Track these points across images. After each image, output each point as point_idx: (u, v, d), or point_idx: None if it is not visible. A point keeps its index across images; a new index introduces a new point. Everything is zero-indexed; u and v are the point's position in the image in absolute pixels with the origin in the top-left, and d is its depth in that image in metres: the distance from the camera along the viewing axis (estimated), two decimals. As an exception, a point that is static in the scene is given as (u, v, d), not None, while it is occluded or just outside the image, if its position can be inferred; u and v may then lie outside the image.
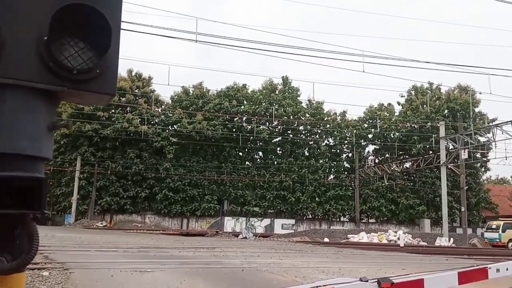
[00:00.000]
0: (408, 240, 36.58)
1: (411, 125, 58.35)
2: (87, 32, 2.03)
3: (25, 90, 1.89)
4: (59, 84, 1.96)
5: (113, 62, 2.10)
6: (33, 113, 1.91)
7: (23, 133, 1.86)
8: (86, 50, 2.05)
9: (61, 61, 1.95)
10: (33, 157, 1.91)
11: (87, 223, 48.15)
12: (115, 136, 52.15)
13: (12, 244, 2.00)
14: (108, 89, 2.10)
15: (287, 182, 55.00)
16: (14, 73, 1.87)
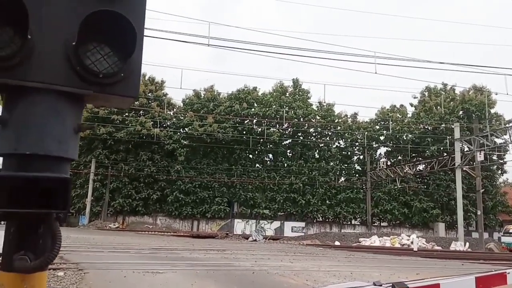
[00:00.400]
0: (422, 244, 36.08)
1: (425, 127, 57.71)
2: (112, 37, 2.10)
3: (54, 94, 1.96)
4: (86, 88, 2.03)
5: (136, 66, 2.16)
6: (60, 116, 1.98)
7: (52, 135, 1.93)
8: (111, 55, 2.11)
9: (88, 66, 2.02)
10: (60, 158, 1.98)
11: (101, 224, 48.65)
12: (128, 139, 52.68)
13: (36, 243, 2.06)
14: (131, 92, 2.17)
15: (297, 185, 54.86)
16: (43, 77, 1.94)
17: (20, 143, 1.89)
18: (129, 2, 2.16)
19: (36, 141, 1.90)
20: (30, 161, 1.90)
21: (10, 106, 1.95)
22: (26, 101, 1.93)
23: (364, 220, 55.47)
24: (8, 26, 1.94)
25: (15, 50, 1.90)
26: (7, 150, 1.91)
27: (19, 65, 1.91)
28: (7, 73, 1.90)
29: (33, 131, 1.90)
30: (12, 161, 1.92)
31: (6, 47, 1.91)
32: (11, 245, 2.04)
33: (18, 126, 1.91)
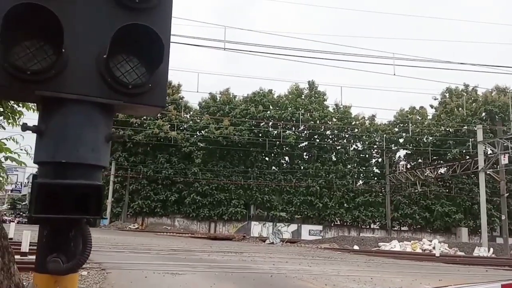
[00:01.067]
0: (444, 250, 35.41)
1: (446, 129, 56.59)
2: (141, 49, 2.21)
3: (87, 104, 2.07)
4: (116, 98, 2.13)
5: (163, 76, 2.27)
6: (93, 125, 2.09)
7: (85, 144, 2.04)
8: (139, 66, 2.22)
9: (118, 77, 2.13)
10: (93, 166, 2.09)
11: (121, 225, 49.49)
12: (146, 142, 53.32)
13: (68, 246, 2.16)
14: (159, 102, 2.27)
15: (314, 188, 54.61)
16: (77, 89, 2.05)
17: (56, 152, 1.99)
18: (157, 15, 2.26)
19: (71, 150, 2.00)
20: (65, 169, 2.01)
21: (46, 117, 2.07)
22: (61, 112, 2.04)
23: (383, 224, 54.80)
24: (44, 40, 2.05)
25: (50, 63, 2.01)
26: (43, 158, 2.02)
27: (54, 77, 2.02)
28: (43, 86, 2.01)
29: (68, 141, 2.01)
30: (48, 169, 2.03)
31: (42, 60, 2.02)
32: (45, 248, 2.14)
33: (53, 136, 2.02)
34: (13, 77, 1.97)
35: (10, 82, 1.97)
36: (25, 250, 13.34)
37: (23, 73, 1.97)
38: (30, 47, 2.02)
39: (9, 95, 2.48)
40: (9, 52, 1.96)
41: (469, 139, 50.56)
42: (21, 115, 4.63)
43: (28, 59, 2.00)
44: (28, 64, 1.99)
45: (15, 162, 5.71)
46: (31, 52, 2.02)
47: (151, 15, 2.23)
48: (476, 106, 56.28)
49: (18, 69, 1.96)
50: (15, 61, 1.97)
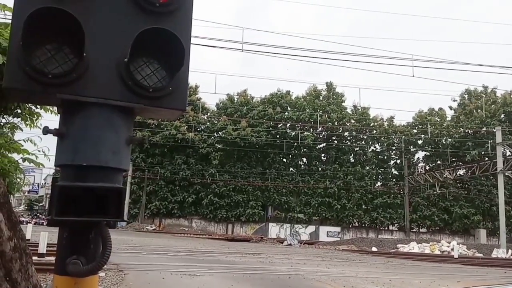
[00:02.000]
0: (463, 251, 35.07)
1: (465, 131, 56.13)
2: (161, 53, 2.20)
3: (108, 108, 2.07)
4: (137, 102, 2.13)
5: (183, 80, 2.25)
6: (114, 128, 2.08)
7: (106, 147, 2.04)
8: (160, 69, 2.21)
9: (139, 80, 2.13)
10: (114, 169, 2.09)
11: (138, 226, 49.74)
12: (163, 143, 53.69)
13: (87, 248, 2.17)
14: (179, 105, 2.26)
15: (332, 189, 54.42)
16: (98, 92, 2.05)
17: (77, 155, 2.00)
18: (177, 19, 2.26)
19: (91, 153, 2.01)
20: (86, 171, 2.01)
21: (66, 120, 2.07)
22: (82, 115, 2.05)
23: (402, 226, 54.41)
24: (65, 44, 2.06)
25: (71, 66, 2.02)
26: (64, 161, 2.03)
27: (75, 81, 2.03)
28: (64, 89, 2.01)
29: (89, 144, 2.01)
30: (69, 171, 2.04)
31: (63, 64, 2.03)
32: (64, 250, 2.15)
33: (74, 139, 2.02)
34: (34, 81, 1.97)
35: (31, 85, 1.98)
36: (43, 251, 13.51)
37: (44, 77, 1.98)
38: (52, 50, 2.03)
39: (30, 98, 2.50)
40: (30, 56, 1.97)
41: (488, 140, 50.05)
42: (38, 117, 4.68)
43: (50, 63, 2.01)
44: (49, 68, 1.99)
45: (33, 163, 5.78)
46: (53, 56, 2.02)
47: (172, 19, 2.23)
48: (495, 108, 55.68)
49: (40, 72, 1.97)
50: (36, 65, 1.97)
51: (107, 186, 2.04)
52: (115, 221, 2.13)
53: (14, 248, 3.31)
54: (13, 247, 3.30)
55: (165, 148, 54.67)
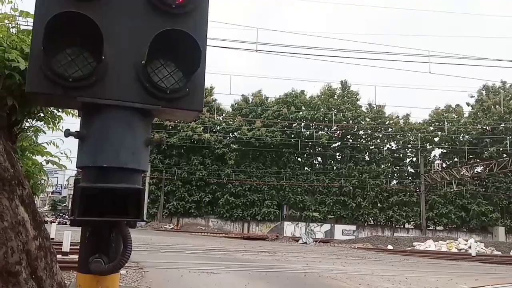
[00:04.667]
0: (481, 249, 34.57)
1: (483, 127, 55.17)
2: (178, 54, 2.24)
3: (127, 110, 2.12)
4: (155, 103, 2.18)
5: (200, 81, 2.29)
6: (133, 130, 2.13)
7: (126, 148, 2.08)
8: (177, 71, 2.25)
9: (156, 82, 2.17)
10: (133, 170, 2.13)
11: (156, 225, 50.37)
12: (180, 144, 54.16)
13: (109, 247, 2.22)
14: (196, 106, 2.30)
15: (347, 188, 54.12)
16: (117, 94, 2.10)
17: (97, 157, 2.05)
18: (193, 20, 2.29)
19: (112, 154, 2.05)
20: (106, 173, 2.06)
21: (87, 122, 2.12)
22: (101, 118, 2.09)
23: (418, 224, 53.86)
24: (85, 48, 2.11)
25: (91, 70, 2.07)
26: (85, 163, 2.08)
27: (94, 84, 2.08)
28: (84, 92, 2.06)
29: (109, 146, 2.06)
30: (91, 173, 2.09)
31: (83, 67, 2.08)
32: (87, 249, 2.21)
33: (95, 141, 2.07)
34: (55, 84, 2.03)
35: (52, 89, 2.03)
36: (66, 250, 13.76)
37: (65, 80, 2.03)
38: (72, 54, 2.08)
39: (51, 102, 2.56)
40: (51, 60, 2.02)
41: (507, 137, 49.27)
42: (60, 119, 4.77)
43: (70, 67, 2.06)
44: (69, 71, 2.04)
45: (56, 165, 5.89)
46: (73, 60, 2.07)
47: (188, 20, 2.26)
48: (514, 104, 54.61)
49: (60, 76, 2.02)
50: (57, 69, 2.02)
51: (126, 187, 2.09)
52: (135, 221, 2.18)
53: (39, 247, 3.40)
54: (38, 246, 3.39)
55: (182, 149, 55.16)
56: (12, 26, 3.71)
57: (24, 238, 3.32)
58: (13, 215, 3.31)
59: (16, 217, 3.32)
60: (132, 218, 2.11)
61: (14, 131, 4.06)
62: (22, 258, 3.22)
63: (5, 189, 3.31)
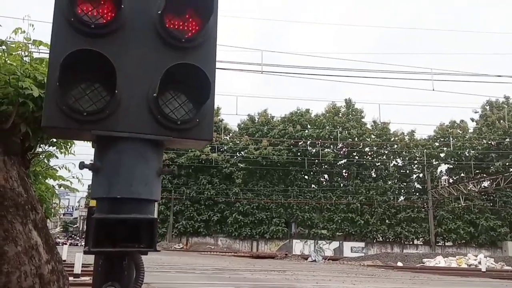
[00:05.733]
0: (491, 265, 34.18)
1: (488, 142, 55.16)
2: (188, 86, 2.31)
3: (139, 141, 2.18)
4: (166, 134, 2.24)
5: (209, 111, 2.36)
6: (145, 161, 2.19)
7: (138, 179, 2.14)
8: (187, 102, 2.32)
9: (168, 114, 2.23)
10: (146, 200, 2.18)
11: (166, 245, 50.67)
12: (188, 164, 54.64)
13: (122, 275, 2.26)
14: (206, 136, 2.36)
15: (355, 204, 53.96)
16: (129, 127, 2.16)
17: (111, 188, 2.10)
18: (202, 53, 2.37)
19: (125, 185, 2.11)
20: (120, 203, 2.11)
21: (101, 154, 2.18)
22: (115, 150, 2.15)
23: (427, 240, 53.46)
24: (99, 82, 2.18)
25: (104, 104, 2.14)
26: (100, 194, 2.14)
27: (108, 117, 2.14)
28: (98, 125, 2.13)
29: (122, 177, 2.12)
30: (104, 204, 2.14)
31: (97, 102, 2.15)
32: (100, 276, 2.25)
33: (108, 172, 2.13)
34: (70, 119, 2.09)
35: (68, 123, 2.09)
36: (78, 271, 13.82)
37: (80, 115, 2.09)
38: (86, 89, 2.15)
39: (66, 135, 2.62)
40: (66, 95, 2.09)
41: (512, 151, 49.09)
42: (72, 144, 4.88)
43: (84, 101, 2.13)
44: (84, 106, 2.11)
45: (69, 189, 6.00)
46: (87, 95, 2.14)
47: (197, 54, 2.34)
48: (518, 118, 54.58)
49: (76, 111, 2.09)
50: (72, 104, 2.09)
51: (140, 218, 2.14)
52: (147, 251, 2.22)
53: (52, 271, 3.45)
54: (51, 270, 3.44)
55: (190, 169, 55.57)
56: (26, 55, 3.81)
57: (37, 262, 3.39)
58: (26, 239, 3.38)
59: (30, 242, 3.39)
60: (145, 247, 2.15)
61: (28, 156, 4.14)
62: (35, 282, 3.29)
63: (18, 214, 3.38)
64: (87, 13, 2.20)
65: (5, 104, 3.45)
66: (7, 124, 3.49)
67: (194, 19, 2.36)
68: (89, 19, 2.19)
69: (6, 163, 3.46)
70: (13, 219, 3.33)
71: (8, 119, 3.48)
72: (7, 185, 3.38)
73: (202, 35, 2.35)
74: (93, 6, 2.21)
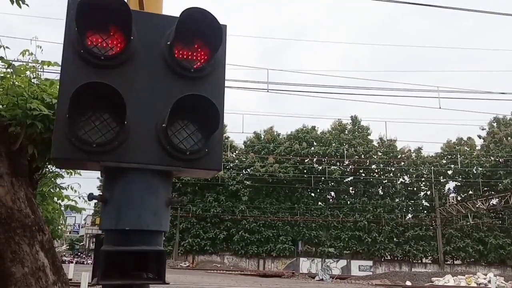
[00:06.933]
0: (500, 283, 33.62)
1: (496, 159, 54.96)
2: (197, 116, 2.30)
3: (148, 172, 2.17)
4: (175, 165, 2.23)
5: (218, 140, 2.35)
6: (154, 192, 2.17)
7: (147, 210, 2.12)
8: (196, 132, 2.31)
9: (177, 144, 2.22)
10: (154, 231, 2.16)
11: (172, 263, 50.19)
12: (194, 181, 54.36)
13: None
14: (215, 166, 2.34)
15: (362, 222, 53.52)
16: (138, 158, 2.15)
17: (120, 220, 2.08)
18: (211, 83, 2.37)
19: (134, 217, 2.09)
20: (128, 235, 2.09)
21: (109, 185, 2.17)
22: (123, 181, 2.14)
23: (435, 258, 52.77)
24: (108, 114, 2.18)
25: (113, 135, 2.13)
26: (108, 226, 2.12)
27: (117, 148, 2.13)
28: (107, 156, 2.12)
29: (131, 208, 2.10)
30: (113, 236, 2.12)
31: (106, 133, 2.14)
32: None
33: (117, 204, 2.12)
34: (79, 150, 2.09)
35: (77, 155, 2.09)
36: (84, 291, 13.70)
37: (89, 146, 2.09)
38: (95, 121, 2.15)
39: (75, 165, 2.62)
40: (76, 127, 2.09)
41: (521, 168, 48.85)
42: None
43: (94, 133, 2.12)
44: (93, 137, 2.11)
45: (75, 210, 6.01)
46: (96, 126, 2.14)
47: (206, 84, 2.34)
48: (526, 135, 54.45)
49: (85, 142, 2.08)
50: (82, 136, 2.09)
51: (149, 250, 2.12)
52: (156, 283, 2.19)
53: (59, 292, 3.43)
54: (58, 291, 3.42)
55: (196, 187, 55.38)
56: (33, 76, 3.83)
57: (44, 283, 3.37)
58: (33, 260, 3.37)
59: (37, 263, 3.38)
60: (153, 280, 2.13)
61: (35, 177, 4.15)
62: (42, 303, 3.26)
63: (25, 235, 3.37)
64: (97, 45, 2.21)
65: (13, 126, 3.46)
66: (15, 145, 3.50)
67: (203, 50, 2.37)
68: (99, 50, 2.20)
69: (14, 185, 3.47)
70: (21, 240, 3.33)
71: (16, 140, 3.50)
72: (15, 206, 3.39)
73: (211, 65, 2.36)
74: (102, 38, 2.22)
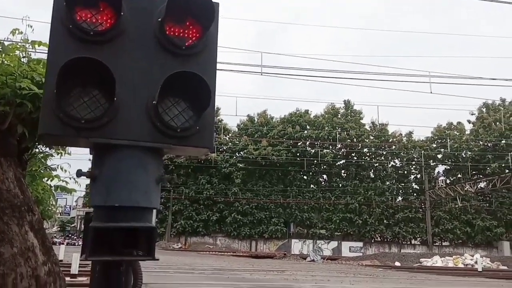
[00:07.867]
0: (487, 264, 34.26)
1: (484, 144, 55.70)
2: (188, 93, 2.27)
3: (138, 149, 2.14)
4: (166, 142, 2.20)
5: (209, 118, 2.32)
6: (144, 169, 2.15)
7: (137, 187, 2.10)
8: (187, 109, 2.28)
9: (167, 121, 2.19)
10: (145, 208, 2.15)
11: (165, 244, 50.50)
12: (187, 164, 54.52)
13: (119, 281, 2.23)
14: (206, 143, 2.32)
15: (353, 205, 54.14)
16: (128, 134, 2.13)
17: (109, 196, 2.07)
18: (202, 60, 2.34)
19: (123, 194, 2.07)
20: (118, 212, 2.07)
21: (99, 162, 2.15)
22: (113, 157, 2.12)
23: (424, 240, 53.67)
24: (96, 89, 2.15)
25: (103, 111, 2.10)
26: (97, 202, 2.10)
27: (106, 124, 2.10)
28: (96, 133, 2.09)
29: (120, 185, 2.08)
30: (102, 212, 2.11)
31: (95, 109, 2.11)
32: (98, 283, 2.23)
33: (106, 180, 2.09)
34: (68, 126, 2.05)
35: (65, 131, 2.06)
36: (75, 272, 13.75)
37: (77, 122, 2.06)
38: (84, 97, 2.11)
39: (63, 142, 2.60)
40: (64, 103, 2.06)
41: (508, 153, 49.57)
42: (69, 145, 4.87)
43: (82, 109, 2.09)
44: (82, 113, 2.07)
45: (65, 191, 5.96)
46: (85, 102, 2.11)
47: (197, 61, 2.31)
48: (514, 120, 55.10)
49: (73, 118, 2.05)
50: (70, 111, 2.05)
51: (138, 226, 2.11)
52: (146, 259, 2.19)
53: (49, 273, 3.43)
54: (48, 272, 3.42)
55: (189, 169, 55.56)
56: (23, 56, 3.78)
57: (33, 264, 3.36)
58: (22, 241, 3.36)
59: (26, 243, 3.37)
60: (143, 256, 2.13)
61: (24, 157, 4.11)
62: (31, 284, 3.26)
63: (14, 215, 3.35)
64: (86, 20, 2.16)
65: (2, 105, 3.42)
66: (4, 125, 3.46)
67: (195, 27, 2.33)
68: (88, 26, 2.15)
69: (3, 164, 3.43)
70: (9, 220, 3.31)
71: (5, 120, 3.45)
72: (3, 186, 3.36)
73: (203, 43, 2.33)
74: (92, 13, 2.18)
